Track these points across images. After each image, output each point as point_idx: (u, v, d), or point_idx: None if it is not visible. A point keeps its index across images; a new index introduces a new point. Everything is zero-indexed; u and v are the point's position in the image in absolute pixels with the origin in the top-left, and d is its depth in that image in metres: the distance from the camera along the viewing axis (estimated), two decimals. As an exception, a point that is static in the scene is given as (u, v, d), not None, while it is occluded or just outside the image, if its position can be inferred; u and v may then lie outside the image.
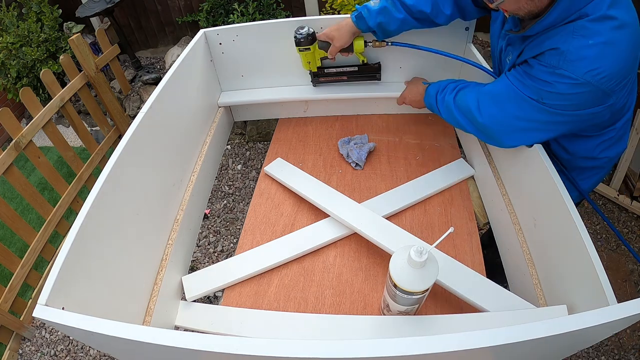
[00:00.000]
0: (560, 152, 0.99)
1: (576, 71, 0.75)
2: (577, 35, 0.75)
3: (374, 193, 1.16)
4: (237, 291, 0.98)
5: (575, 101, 0.78)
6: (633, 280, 1.84)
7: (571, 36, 0.75)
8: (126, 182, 0.84)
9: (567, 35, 0.76)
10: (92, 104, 2.48)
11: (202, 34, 1.25)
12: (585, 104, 0.79)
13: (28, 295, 2.03)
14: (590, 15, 0.74)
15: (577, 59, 0.75)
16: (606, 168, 1.05)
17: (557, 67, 0.77)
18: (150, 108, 0.95)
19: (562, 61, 0.76)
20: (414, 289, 0.72)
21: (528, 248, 0.93)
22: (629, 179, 2.09)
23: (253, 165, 2.60)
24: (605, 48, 0.73)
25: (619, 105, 0.85)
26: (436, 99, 1.06)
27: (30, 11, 2.73)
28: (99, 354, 1.86)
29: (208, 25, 2.69)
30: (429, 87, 1.11)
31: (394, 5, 1.04)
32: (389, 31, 1.09)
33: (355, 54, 1.20)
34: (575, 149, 0.97)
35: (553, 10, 0.75)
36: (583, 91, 0.76)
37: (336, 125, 1.43)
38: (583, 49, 0.74)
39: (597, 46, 0.73)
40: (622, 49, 0.74)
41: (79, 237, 0.69)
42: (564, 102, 0.79)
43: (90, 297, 0.71)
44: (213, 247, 2.17)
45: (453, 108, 0.99)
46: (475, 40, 2.50)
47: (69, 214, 2.25)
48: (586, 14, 0.74)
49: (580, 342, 0.64)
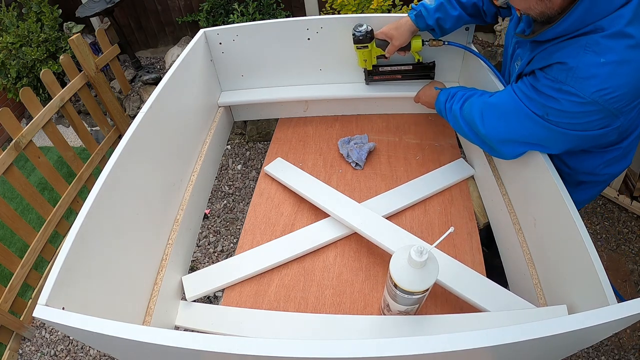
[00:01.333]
0: (561, 166, 0.95)
1: (584, 90, 0.71)
2: (589, 50, 0.71)
3: (374, 193, 1.16)
4: (237, 291, 0.98)
5: (581, 120, 0.75)
6: (633, 280, 1.84)
7: (583, 51, 0.71)
8: (126, 182, 0.84)
9: (578, 49, 0.72)
10: (92, 104, 2.48)
11: (202, 34, 1.25)
12: (591, 124, 0.76)
13: (28, 295, 2.03)
14: (606, 31, 0.70)
15: (587, 76, 0.71)
16: (607, 182, 1.03)
17: (563, 83, 0.73)
18: (150, 108, 0.95)
19: (569, 77, 0.72)
20: (414, 288, 0.72)
21: (528, 248, 0.93)
22: (629, 179, 2.09)
23: (253, 165, 2.60)
24: (617, 67, 0.69)
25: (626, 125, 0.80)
26: (445, 106, 1.05)
27: (30, 11, 2.73)
28: (99, 354, 1.86)
29: (208, 25, 2.69)
30: (440, 93, 1.10)
31: (449, 3, 1.04)
32: (444, 29, 1.09)
33: (411, 52, 1.19)
34: (577, 165, 0.94)
35: (566, 18, 0.71)
36: (589, 110, 0.73)
37: (336, 125, 1.43)
38: (594, 67, 0.70)
39: (609, 65, 0.69)
40: (636, 69, 0.69)
41: (79, 237, 0.69)
42: (569, 120, 0.76)
43: (90, 297, 0.71)
44: (213, 247, 2.17)
45: (459, 117, 0.97)
46: (475, 40, 2.50)
47: (69, 214, 2.25)
48: (602, 28, 0.70)
49: (580, 342, 0.64)
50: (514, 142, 0.86)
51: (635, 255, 1.92)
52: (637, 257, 1.92)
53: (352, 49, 1.22)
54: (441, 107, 1.08)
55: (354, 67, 1.33)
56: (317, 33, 1.24)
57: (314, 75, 1.36)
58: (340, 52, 1.29)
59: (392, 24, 1.13)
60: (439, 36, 1.14)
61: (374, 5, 1.85)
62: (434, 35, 1.13)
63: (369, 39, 1.16)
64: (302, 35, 1.26)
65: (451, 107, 1.01)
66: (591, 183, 1.00)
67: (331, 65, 1.33)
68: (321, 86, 1.37)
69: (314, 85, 1.38)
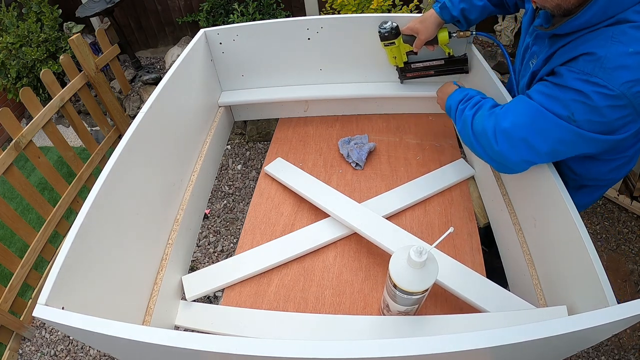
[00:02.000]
0: (567, 172, 0.93)
1: (612, 81, 0.68)
2: (616, 41, 0.68)
3: (374, 193, 1.16)
4: (237, 291, 0.98)
5: (608, 117, 0.71)
6: (633, 280, 1.84)
7: (610, 41, 0.69)
8: (126, 182, 0.84)
9: (605, 40, 0.69)
10: (92, 104, 2.48)
11: (202, 34, 1.25)
12: (616, 123, 0.72)
13: (28, 295, 2.03)
14: (633, 23, 0.68)
15: (616, 67, 0.68)
16: (609, 187, 1.03)
17: (591, 75, 0.70)
18: (150, 108, 0.95)
19: (597, 68, 0.69)
20: (414, 289, 0.72)
21: (528, 248, 0.93)
22: (629, 179, 2.09)
23: (253, 165, 2.60)
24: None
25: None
26: (457, 108, 0.98)
27: (30, 11, 2.73)
28: (99, 354, 1.86)
29: (208, 25, 2.69)
30: (457, 91, 1.03)
31: None
32: (470, 20, 1.09)
33: (440, 46, 1.18)
34: (583, 171, 0.92)
35: (587, 10, 0.69)
36: (617, 105, 0.69)
37: (336, 125, 1.43)
38: (622, 57, 0.67)
39: (637, 55, 0.66)
40: None
41: (79, 237, 0.69)
42: (595, 117, 0.72)
43: (90, 297, 0.71)
44: (213, 247, 2.17)
45: (469, 126, 0.90)
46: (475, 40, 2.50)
47: (69, 214, 2.25)
48: (626, 19, 0.68)
49: (580, 342, 0.64)
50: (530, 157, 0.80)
51: (635, 255, 1.92)
52: (637, 257, 1.92)
53: (352, 49, 1.22)
54: (453, 104, 1.00)
55: (354, 67, 1.33)
56: (317, 33, 1.24)
57: (314, 75, 1.36)
58: (340, 52, 1.29)
59: (418, 18, 1.13)
60: (465, 28, 1.13)
61: (374, 5, 1.85)
62: (459, 27, 1.12)
63: (395, 35, 1.16)
64: (302, 35, 1.26)
65: (463, 111, 0.94)
66: (594, 187, 0.99)
67: (331, 65, 1.33)
68: (321, 86, 1.37)
69: (314, 85, 1.38)
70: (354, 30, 1.23)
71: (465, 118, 0.92)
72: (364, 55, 1.29)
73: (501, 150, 0.82)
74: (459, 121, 0.96)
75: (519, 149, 0.80)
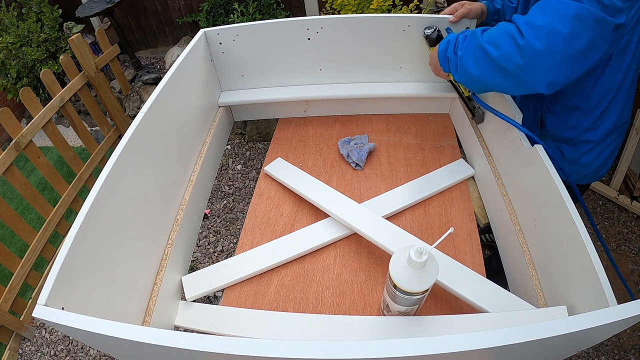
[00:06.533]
0: (565, 132, 1.04)
1: None
2: None
3: (374, 193, 1.16)
4: (237, 291, 0.98)
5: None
6: (633, 280, 1.84)
7: None
8: (126, 182, 0.84)
9: None
10: (92, 104, 2.48)
11: (202, 34, 1.25)
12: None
13: (28, 295, 2.03)
14: None
15: None
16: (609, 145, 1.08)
17: None
18: (150, 108, 0.95)
19: None
20: (414, 289, 0.71)
21: (528, 248, 0.93)
22: (629, 179, 2.09)
23: (253, 165, 2.60)
24: None
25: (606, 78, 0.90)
26: (456, 41, 0.93)
27: (30, 11, 2.73)
28: (99, 354, 1.86)
29: (208, 25, 2.69)
30: (440, 44, 0.99)
31: None
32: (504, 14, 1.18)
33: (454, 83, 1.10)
34: (575, 122, 1.03)
35: None
36: None
37: (336, 125, 1.43)
38: None
39: None
40: None
41: (79, 237, 0.69)
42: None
43: (90, 297, 0.71)
44: (213, 247, 2.17)
45: (486, 47, 0.83)
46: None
47: (69, 214, 2.25)
48: None
49: (581, 343, 0.64)
50: (568, 51, 0.76)
51: (635, 255, 1.92)
52: (637, 257, 1.92)
53: (352, 49, 1.21)
54: (447, 53, 0.95)
55: (354, 67, 1.32)
56: (317, 33, 1.24)
57: (314, 75, 1.36)
58: (340, 52, 1.29)
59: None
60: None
61: (374, 5, 1.85)
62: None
63: (442, 37, 1.10)
64: (302, 35, 1.26)
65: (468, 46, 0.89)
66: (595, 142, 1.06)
67: (331, 65, 1.33)
68: (321, 86, 1.37)
69: (314, 85, 1.38)
70: (354, 30, 1.23)
71: (475, 46, 0.87)
72: (364, 56, 1.29)
73: (528, 40, 0.77)
74: (462, 47, 0.91)
75: (543, 36, 0.75)
